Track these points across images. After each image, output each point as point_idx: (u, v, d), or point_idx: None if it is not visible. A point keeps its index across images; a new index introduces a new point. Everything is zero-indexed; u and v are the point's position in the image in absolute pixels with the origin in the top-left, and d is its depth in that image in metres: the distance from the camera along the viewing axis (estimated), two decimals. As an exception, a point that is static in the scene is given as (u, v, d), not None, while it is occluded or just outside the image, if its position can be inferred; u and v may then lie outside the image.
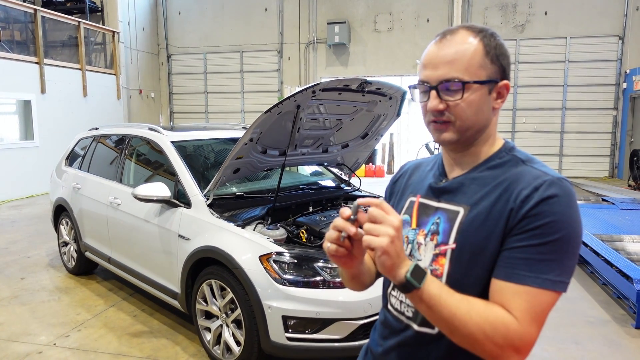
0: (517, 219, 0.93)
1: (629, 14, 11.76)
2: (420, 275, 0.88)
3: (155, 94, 15.12)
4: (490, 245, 0.95)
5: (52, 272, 4.90)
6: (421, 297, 0.89)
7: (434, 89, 1.00)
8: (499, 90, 1.02)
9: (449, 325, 0.89)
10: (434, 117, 1.02)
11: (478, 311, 0.88)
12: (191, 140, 3.85)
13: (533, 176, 0.96)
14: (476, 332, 0.87)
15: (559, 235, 0.89)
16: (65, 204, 4.70)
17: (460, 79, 0.98)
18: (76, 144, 5.07)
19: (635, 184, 10.19)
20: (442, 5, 12.89)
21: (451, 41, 1.00)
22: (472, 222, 0.98)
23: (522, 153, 1.05)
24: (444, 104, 0.99)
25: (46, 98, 10.24)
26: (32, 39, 10.13)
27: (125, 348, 3.29)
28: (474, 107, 0.99)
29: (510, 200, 0.95)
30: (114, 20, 13.05)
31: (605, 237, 4.97)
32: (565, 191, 0.92)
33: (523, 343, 0.88)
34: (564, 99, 12.36)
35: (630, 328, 3.60)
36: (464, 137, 1.02)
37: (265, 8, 14.22)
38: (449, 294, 0.90)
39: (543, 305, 0.89)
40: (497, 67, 1.01)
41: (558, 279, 0.90)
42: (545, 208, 0.91)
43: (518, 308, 0.88)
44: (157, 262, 3.46)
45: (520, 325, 0.87)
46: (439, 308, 0.89)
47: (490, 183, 1.00)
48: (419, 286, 0.88)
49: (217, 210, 3.10)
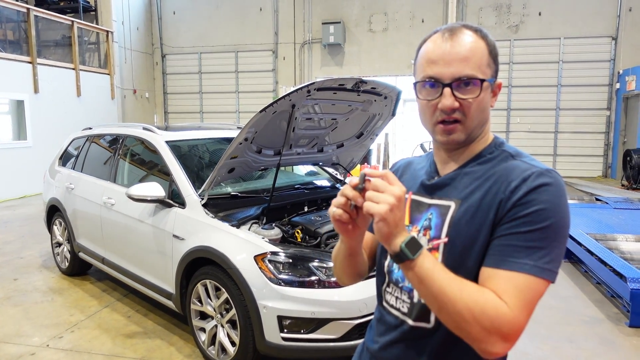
0: (506, 209, 0.94)
1: (622, 14, 11.85)
2: (415, 248, 0.89)
3: (149, 93, 15.06)
4: (480, 237, 0.96)
5: (46, 272, 4.86)
6: (413, 269, 0.89)
7: (448, 87, 0.98)
8: (494, 89, 1.04)
9: (437, 302, 0.89)
10: (444, 117, 1.00)
11: (469, 292, 0.88)
12: (185, 140, 3.83)
13: (522, 169, 0.97)
14: (464, 312, 0.87)
15: (548, 223, 0.90)
16: (58, 204, 4.67)
17: (478, 77, 0.98)
18: (69, 144, 5.04)
19: (629, 184, 10.26)
20: (436, 5, 12.92)
21: (460, 38, 0.99)
22: (463, 215, 0.99)
23: (512, 148, 1.06)
24: (458, 102, 0.98)
25: (39, 98, 10.17)
26: (25, 38, 10.05)
27: (119, 349, 3.26)
28: (482, 106, 1.00)
29: (499, 192, 0.96)
30: (108, 20, 12.99)
31: (599, 236, 4.99)
32: (554, 181, 0.93)
33: (511, 329, 0.87)
34: (557, 99, 12.43)
35: (624, 327, 3.62)
36: (471, 137, 1.03)
37: (260, 8, 14.20)
38: (442, 271, 0.90)
39: (532, 292, 0.89)
40: (496, 67, 1.03)
41: (547, 266, 0.90)
42: (535, 196, 0.92)
43: (507, 294, 0.88)
44: (151, 263, 3.44)
45: (510, 310, 0.87)
46: (429, 282, 0.88)
47: (481, 177, 1.02)
48: (412, 257, 0.88)
49: (211, 210, 3.09)
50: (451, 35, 1.00)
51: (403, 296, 1.08)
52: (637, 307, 3.59)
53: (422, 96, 1.03)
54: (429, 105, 1.02)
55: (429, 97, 1.01)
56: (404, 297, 1.08)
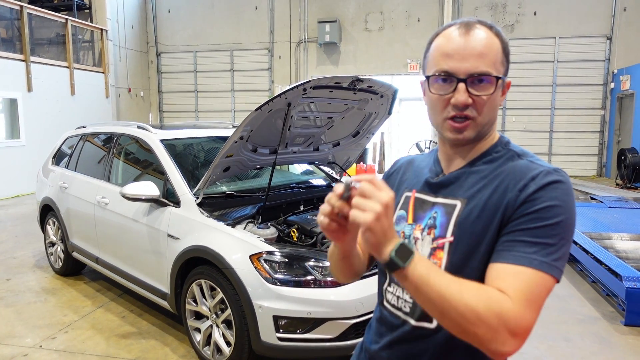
0: (515, 207, 0.92)
1: (616, 14, 11.89)
2: (405, 255, 0.84)
3: (144, 92, 14.98)
4: (487, 237, 0.94)
5: (39, 272, 4.82)
6: (406, 276, 0.85)
7: (463, 82, 0.96)
8: (504, 88, 1.02)
9: (437, 307, 0.85)
10: (456, 113, 0.97)
11: (470, 292, 0.84)
12: (180, 139, 3.81)
13: (530, 168, 0.96)
14: (467, 314, 0.83)
15: (557, 220, 0.89)
16: (52, 203, 4.63)
17: (493, 74, 0.96)
18: (63, 143, 4.99)
19: (623, 183, 10.31)
20: (432, 4, 12.92)
21: (477, 33, 0.97)
22: (469, 214, 0.97)
23: (518, 147, 1.05)
24: (471, 99, 0.96)
25: (33, 96, 10.09)
26: (19, 36, 9.97)
27: (114, 350, 3.23)
28: (494, 104, 0.99)
29: (507, 191, 0.94)
30: (103, 18, 12.90)
31: (595, 235, 5.01)
32: (563, 179, 0.93)
33: (518, 325, 0.83)
34: (553, 98, 12.47)
35: (620, 325, 3.63)
36: (480, 134, 1.01)
37: (255, 6, 14.15)
38: (438, 275, 0.85)
39: (540, 288, 0.86)
40: (508, 65, 1.02)
41: (555, 263, 0.88)
42: (544, 193, 0.90)
43: (513, 288, 0.85)
44: (145, 262, 3.41)
45: (515, 305, 0.83)
46: (425, 288, 0.84)
47: (487, 176, 1.00)
48: (403, 265, 0.84)
49: (206, 209, 3.06)
50: (467, 30, 0.97)
51: (405, 296, 1.06)
52: (632, 305, 3.60)
53: (435, 90, 1.00)
54: (440, 100, 0.99)
55: (442, 92, 0.98)
56: (405, 297, 1.06)
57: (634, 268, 3.85)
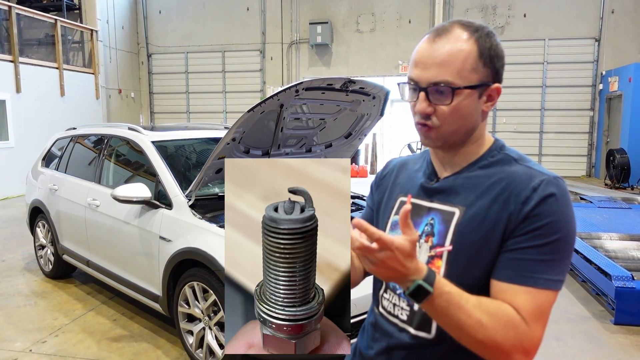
0: (517, 221, 0.92)
1: (604, 17, 12.04)
2: (422, 294, 0.86)
3: (135, 93, 14.88)
4: (488, 246, 0.94)
5: (28, 276, 4.76)
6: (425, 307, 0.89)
7: (423, 91, 0.97)
8: (489, 93, 0.99)
9: (456, 334, 0.89)
10: (418, 120, 1.00)
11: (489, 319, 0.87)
12: (172, 140, 3.79)
13: (530, 176, 0.96)
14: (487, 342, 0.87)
15: (558, 236, 0.91)
16: (41, 205, 4.58)
17: (451, 84, 0.94)
18: (53, 145, 4.94)
19: (612, 183, 10.43)
20: (423, 6, 12.99)
21: (445, 40, 0.95)
22: (469, 223, 0.97)
23: (514, 151, 1.04)
24: (432, 108, 0.97)
25: (21, 97, 9.97)
26: (7, 37, 9.85)
27: (105, 353, 3.21)
28: (461, 113, 0.97)
29: (509, 202, 0.94)
30: (93, 19, 12.80)
31: (584, 235, 5.05)
32: (562, 190, 0.94)
33: (532, 344, 0.88)
34: (542, 99, 12.59)
35: (610, 324, 3.67)
36: (449, 142, 1.01)
37: (247, 7, 14.12)
38: (457, 308, 0.87)
39: (546, 305, 0.90)
40: (490, 70, 0.97)
41: (557, 278, 0.91)
42: (545, 208, 0.91)
43: (526, 309, 0.89)
44: (137, 265, 3.39)
45: (529, 326, 0.88)
46: (445, 320, 0.88)
47: (485, 183, 0.99)
48: (418, 304, 0.88)
49: (199, 211, 3.05)
50: (436, 36, 0.97)
51: (401, 303, 1.06)
52: (622, 304, 3.64)
53: (405, 96, 1.03)
54: (411, 106, 1.02)
55: (409, 99, 1.01)
56: (402, 305, 1.06)
57: (623, 267, 3.89)
